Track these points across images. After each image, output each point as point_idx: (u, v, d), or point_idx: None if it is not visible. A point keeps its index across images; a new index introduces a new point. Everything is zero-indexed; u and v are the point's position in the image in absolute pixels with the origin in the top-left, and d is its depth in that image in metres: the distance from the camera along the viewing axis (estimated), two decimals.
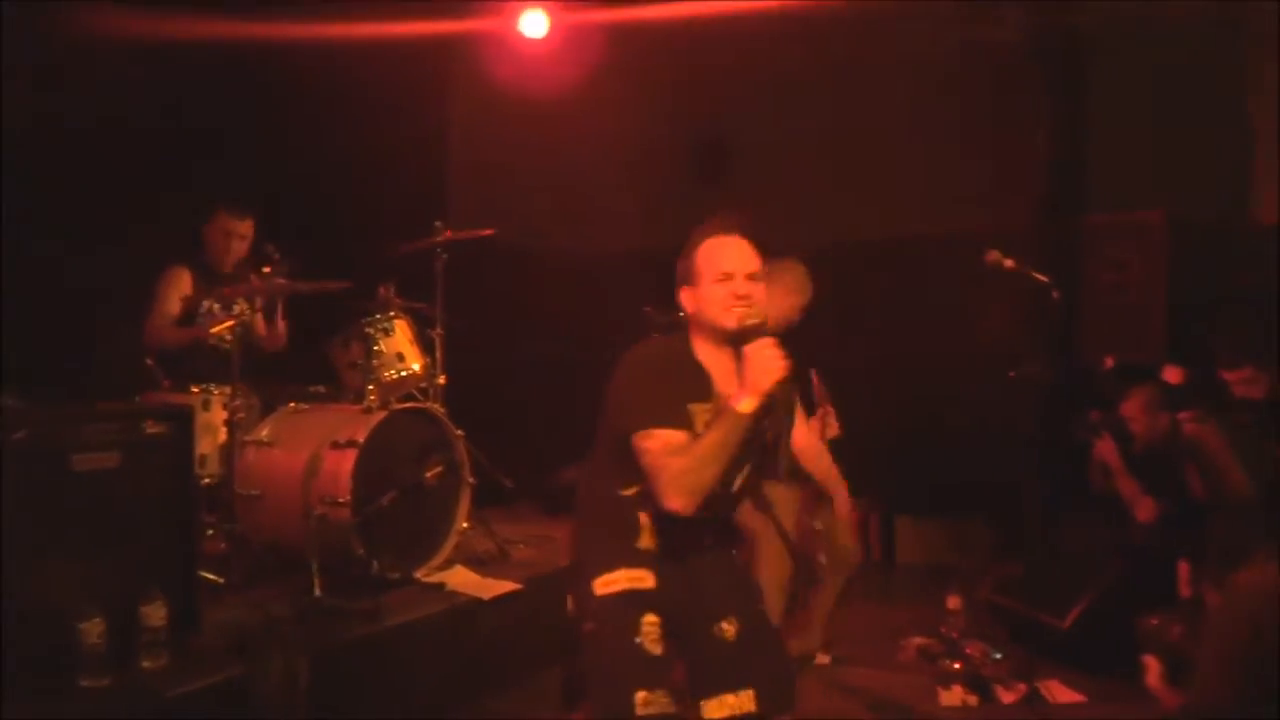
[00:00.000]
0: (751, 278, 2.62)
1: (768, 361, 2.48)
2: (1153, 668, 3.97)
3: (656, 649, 2.55)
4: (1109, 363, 4.71)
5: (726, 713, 2.57)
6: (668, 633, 2.58)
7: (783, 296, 4.11)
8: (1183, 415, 3.99)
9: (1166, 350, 5.40)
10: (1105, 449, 4.48)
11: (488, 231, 5.04)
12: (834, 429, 4.24)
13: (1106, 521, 4.81)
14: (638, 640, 2.54)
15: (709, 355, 2.67)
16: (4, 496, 2.97)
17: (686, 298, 2.69)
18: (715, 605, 2.67)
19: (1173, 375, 4.06)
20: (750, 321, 2.55)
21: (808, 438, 3.83)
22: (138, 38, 4.79)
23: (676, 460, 2.47)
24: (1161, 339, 5.42)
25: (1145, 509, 4.42)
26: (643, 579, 2.61)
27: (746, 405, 2.45)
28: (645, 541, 2.65)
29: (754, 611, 2.74)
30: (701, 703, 2.59)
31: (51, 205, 4.75)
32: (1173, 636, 3.93)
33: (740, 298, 2.58)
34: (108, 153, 4.92)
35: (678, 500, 2.48)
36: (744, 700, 2.57)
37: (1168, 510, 4.39)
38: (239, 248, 4.88)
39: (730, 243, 2.67)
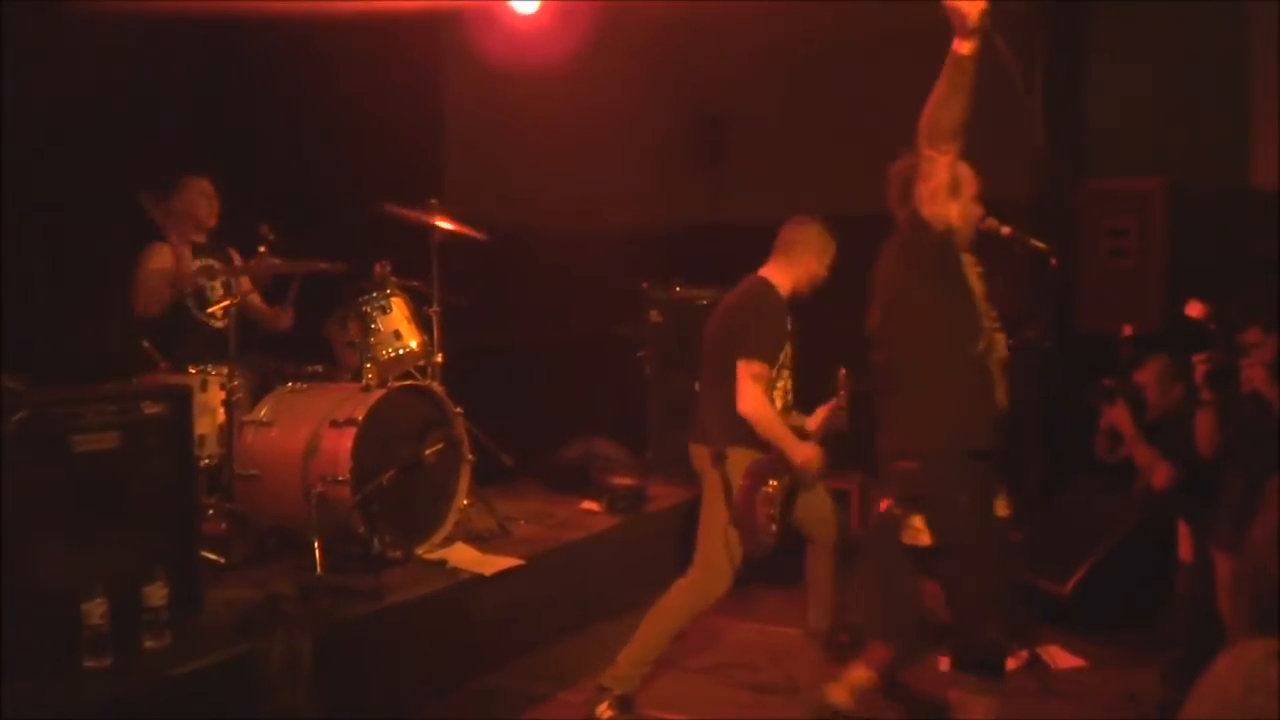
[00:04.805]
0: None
1: None
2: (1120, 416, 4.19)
3: None
4: (1127, 331, 4.69)
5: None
6: None
7: (812, 258, 4.08)
8: (1198, 357, 3.99)
9: (1165, 317, 5.39)
10: (1119, 415, 4.46)
11: (479, 235, 5.04)
12: (843, 423, 4.24)
13: (1107, 490, 4.82)
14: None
15: None
16: (5, 478, 2.97)
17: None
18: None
19: (1195, 309, 4.02)
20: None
21: (753, 403, 3.81)
22: (125, 11, 4.74)
23: None
24: (1160, 306, 5.41)
25: (1161, 474, 4.39)
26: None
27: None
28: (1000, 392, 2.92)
29: None
30: None
31: (45, 187, 4.73)
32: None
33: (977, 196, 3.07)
34: (101, 133, 4.90)
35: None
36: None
37: (1181, 477, 4.39)
38: (214, 209, 4.78)
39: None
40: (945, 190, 2.80)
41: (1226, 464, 3.93)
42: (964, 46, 2.62)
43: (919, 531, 2.92)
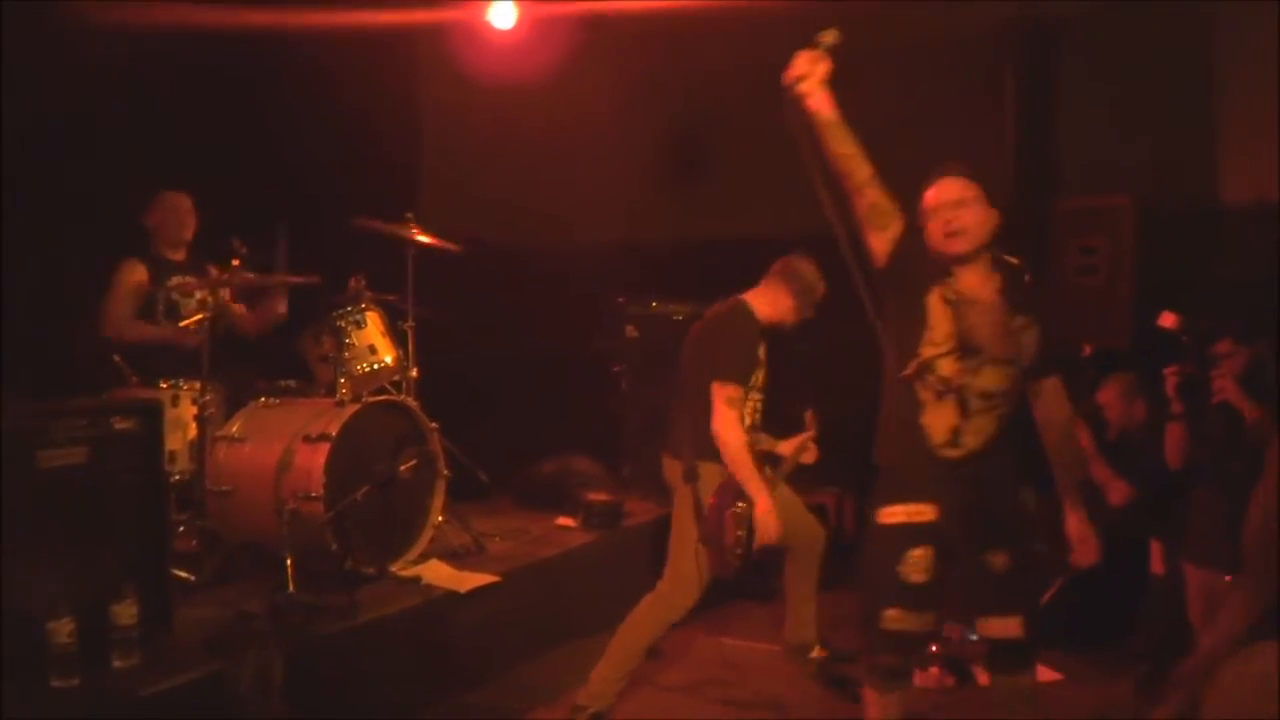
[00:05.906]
0: (957, 205, 2.91)
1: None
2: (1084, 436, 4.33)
3: (919, 578, 2.84)
4: (1087, 350, 4.73)
5: (998, 633, 2.90)
6: (940, 559, 2.84)
7: (793, 294, 4.07)
8: (1169, 369, 4.03)
9: (1132, 333, 5.44)
10: (1079, 435, 4.52)
11: (454, 247, 5.03)
12: (811, 457, 4.26)
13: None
14: (900, 569, 2.83)
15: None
16: None
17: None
18: (988, 536, 2.88)
19: (1168, 320, 4.06)
20: (964, 247, 2.88)
21: (727, 429, 3.80)
22: (101, 24, 4.70)
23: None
24: (1129, 322, 5.45)
25: (1117, 492, 4.47)
26: (923, 513, 2.86)
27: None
28: (929, 416, 2.85)
29: (1024, 547, 2.96)
30: (976, 620, 2.96)
31: (14, 200, 4.67)
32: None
33: (950, 222, 2.89)
34: (74, 146, 4.85)
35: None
36: (1011, 624, 2.89)
37: (1139, 494, 4.44)
38: (189, 224, 4.76)
39: (940, 183, 2.99)
40: (864, 223, 2.94)
41: (1196, 476, 3.96)
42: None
43: None
